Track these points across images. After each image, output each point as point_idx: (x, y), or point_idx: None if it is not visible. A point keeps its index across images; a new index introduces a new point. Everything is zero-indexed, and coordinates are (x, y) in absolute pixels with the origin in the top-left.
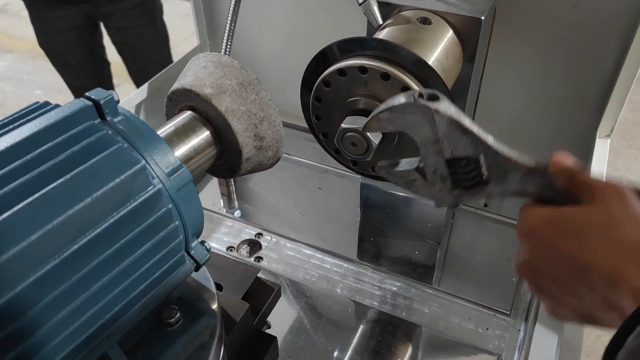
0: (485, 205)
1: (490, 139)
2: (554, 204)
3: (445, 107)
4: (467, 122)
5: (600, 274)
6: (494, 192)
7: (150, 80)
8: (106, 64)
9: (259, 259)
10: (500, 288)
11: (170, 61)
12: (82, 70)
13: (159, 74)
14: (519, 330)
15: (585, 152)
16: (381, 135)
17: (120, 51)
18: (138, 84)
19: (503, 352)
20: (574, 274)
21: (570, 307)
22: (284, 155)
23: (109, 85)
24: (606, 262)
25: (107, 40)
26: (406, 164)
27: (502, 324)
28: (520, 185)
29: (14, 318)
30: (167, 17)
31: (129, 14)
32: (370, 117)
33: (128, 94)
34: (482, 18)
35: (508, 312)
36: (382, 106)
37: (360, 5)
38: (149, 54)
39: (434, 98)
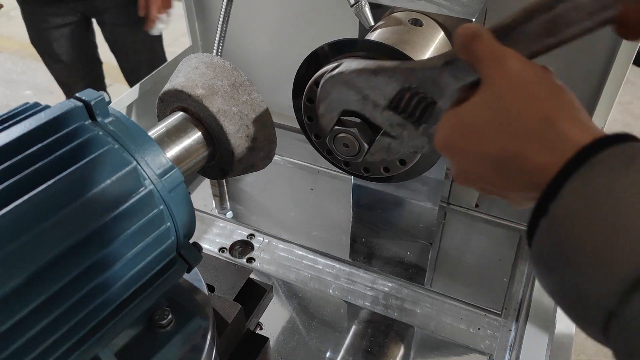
0: (477, 205)
1: (399, 63)
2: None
3: (347, 65)
4: (371, 64)
5: (509, 163)
6: (450, 101)
7: (141, 81)
8: (98, 63)
9: (251, 260)
10: (491, 288)
11: (164, 59)
12: (75, 67)
13: (150, 75)
14: (510, 330)
15: None
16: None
17: (113, 49)
18: (131, 83)
19: (494, 351)
20: (493, 171)
21: (506, 198)
22: (275, 156)
23: (101, 85)
24: (509, 150)
25: (99, 40)
26: (369, 136)
27: (493, 324)
28: (457, 80)
29: (3, 320)
30: None
31: (123, 11)
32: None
33: (119, 95)
34: (473, 19)
35: (499, 312)
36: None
37: (352, 6)
38: (142, 52)
39: (335, 67)
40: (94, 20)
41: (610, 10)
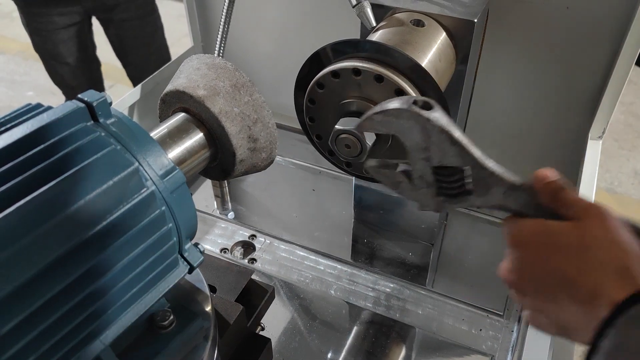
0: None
1: (477, 153)
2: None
3: (438, 117)
4: (457, 133)
5: (582, 289)
6: (476, 202)
7: (143, 82)
8: (98, 63)
9: (253, 260)
10: (493, 289)
11: (168, 53)
12: (79, 69)
13: (152, 76)
14: (512, 331)
15: (577, 154)
16: (375, 137)
17: (120, 46)
18: (135, 80)
19: (496, 352)
20: (558, 286)
21: (550, 317)
22: (277, 157)
23: (101, 86)
24: (588, 279)
25: (97, 41)
26: (395, 166)
27: (495, 325)
28: (502, 200)
29: (5, 322)
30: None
31: (131, 5)
32: (364, 117)
33: (121, 96)
34: (475, 20)
35: (501, 313)
36: (377, 108)
37: (354, 7)
38: (150, 45)
39: (428, 107)
40: (94, 20)
41: None
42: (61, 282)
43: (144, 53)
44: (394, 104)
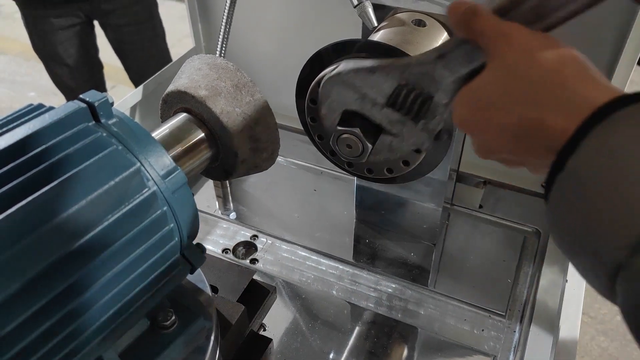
0: (480, 206)
1: (393, 60)
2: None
3: (344, 65)
4: (367, 63)
5: (528, 132)
6: (445, 96)
7: (145, 82)
8: (100, 66)
9: (255, 261)
10: (495, 289)
11: (169, 57)
12: (78, 70)
13: (153, 76)
14: (514, 332)
15: None
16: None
17: (119, 50)
18: (137, 83)
19: (498, 353)
20: (514, 142)
21: (522, 163)
22: (279, 157)
23: (103, 88)
24: (526, 119)
25: (100, 42)
26: (372, 136)
27: (497, 325)
28: (451, 73)
29: (5, 323)
30: (162, 19)
31: (128, 11)
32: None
33: (123, 96)
34: None
35: (503, 314)
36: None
37: (355, 7)
38: (148, 50)
39: (334, 68)
40: (96, 23)
41: None
42: (63, 281)
43: (143, 58)
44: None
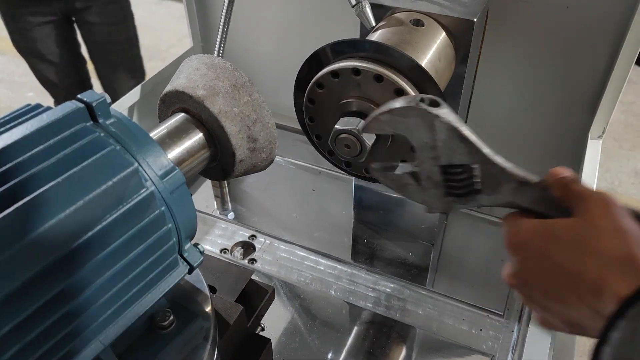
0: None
1: (486, 149)
2: (541, 217)
3: (446, 113)
4: (466, 130)
5: (587, 284)
6: (485, 201)
7: (143, 82)
8: (83, 61)
9: (253, 261)
10: (493, 289)
11: (141, 62)
12: (60, 66)
13: (151, 76)
14: (513, 331)
15: (577, 153)
16: (374, 137)
17: (91, 50)
18: (105, 87)
19: (496, 352)
20: (563, 285)
21: (559, 317)
22: (277, 157)
23: (87, 83)
24: (592, 273)
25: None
26: (401, 167)
27: (495, 325)
28: (511, 197)
29: (3, 323)
30: (160, 19)
31: (101, 11)
32: (370, 117)
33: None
34: (475, 20)
35: (501, 313)
36: (383, 108)
37: (353, 7)
38: (119, 53)
39: (435, 104)
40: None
41: None
42: (60, 281)
43: (113, 60)
44: (401, 102)
